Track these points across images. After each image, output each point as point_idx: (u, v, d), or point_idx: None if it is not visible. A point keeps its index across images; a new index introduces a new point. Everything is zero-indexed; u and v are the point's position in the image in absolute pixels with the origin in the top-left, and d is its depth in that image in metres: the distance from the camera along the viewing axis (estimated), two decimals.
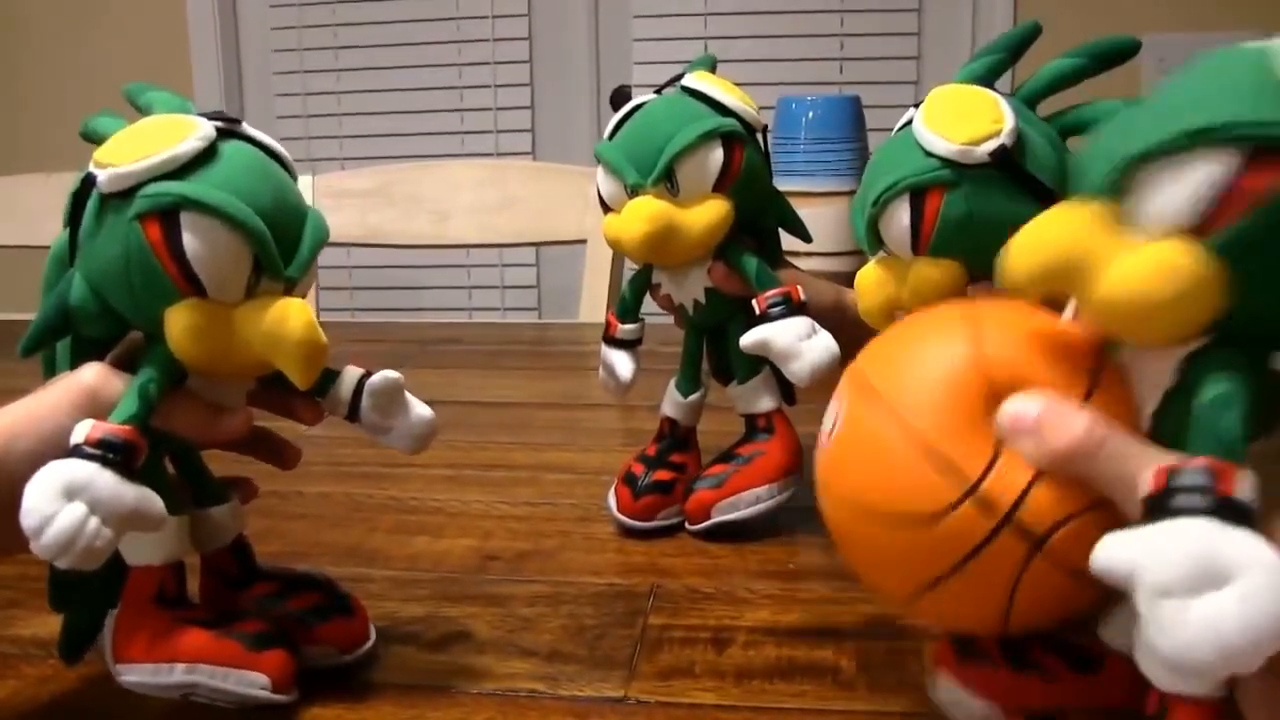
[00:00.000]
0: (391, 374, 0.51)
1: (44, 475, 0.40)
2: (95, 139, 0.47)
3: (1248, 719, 0.33)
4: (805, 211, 0.70)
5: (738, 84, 0.64)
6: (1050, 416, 0.36)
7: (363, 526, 0.71)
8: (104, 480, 0.41)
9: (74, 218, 0.46)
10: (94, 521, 0.40)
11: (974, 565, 0.36)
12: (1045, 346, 0.38)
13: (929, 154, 0.50)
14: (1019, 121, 0.49)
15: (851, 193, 1.12)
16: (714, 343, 0.70)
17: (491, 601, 0.59)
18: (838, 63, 2.18)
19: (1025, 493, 0.36)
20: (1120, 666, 0.36)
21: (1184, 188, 0.32)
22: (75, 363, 0.47)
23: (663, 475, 0.68)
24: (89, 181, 0.44)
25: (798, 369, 0.60)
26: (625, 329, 0.68)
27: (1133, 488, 0.33)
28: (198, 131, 0.44)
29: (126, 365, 0.47)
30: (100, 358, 0.47)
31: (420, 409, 0.52)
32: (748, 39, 2.21)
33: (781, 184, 0.68)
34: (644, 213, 0.61)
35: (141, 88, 0.49)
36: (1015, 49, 0.54)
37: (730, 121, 0.62)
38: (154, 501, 0.42)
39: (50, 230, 0.48)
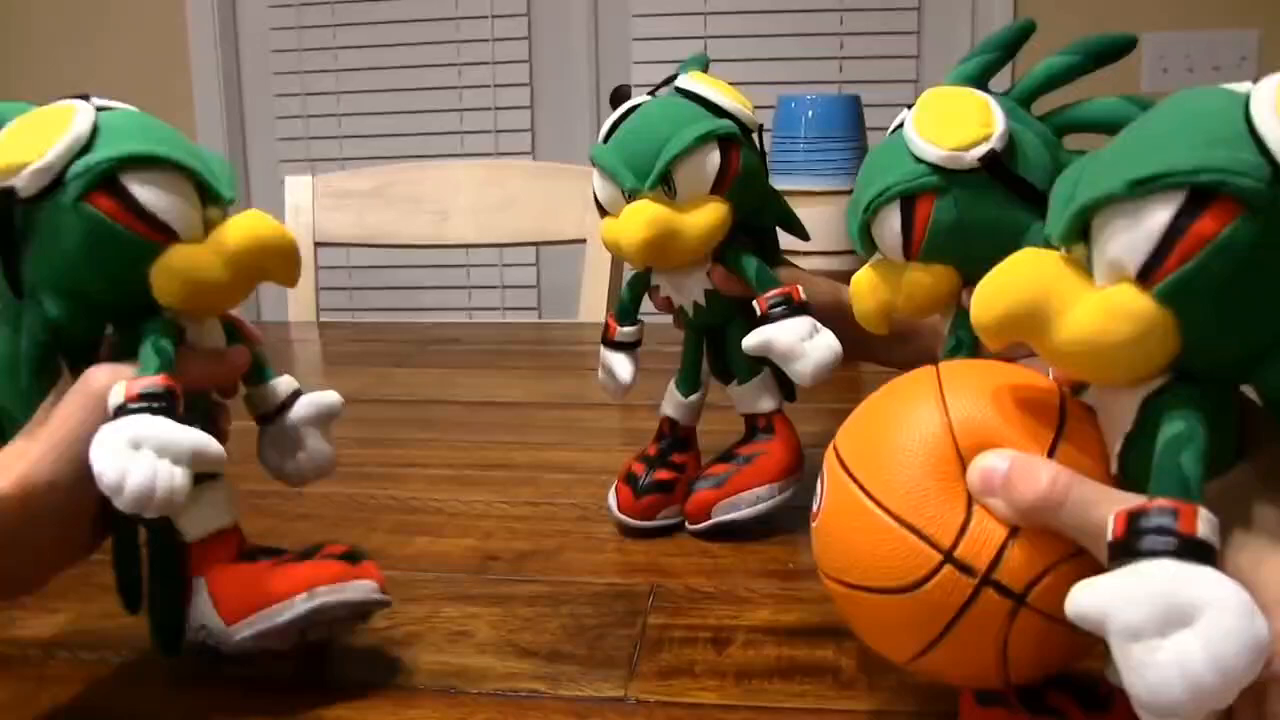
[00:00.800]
0: (336, 395, 0.53)
1: (104, 437, 0.41)
2: None
3: None
4: (805, 210, 0.70)
5: (736, 83, 0.64)
6: (1016, 472, 0.36)
7: (363, 526, 0.71)
8: (161, 425, 0.42)
9: (5, 241, 0.45)
10: (165, 464, 0.41)
11: (960, 627, 0.37)
12: (1011, 400, 0.39)
13: (919, 160, 0.50)
14: (1010, 123, 0.49)
15: (851, 192, 1.12)
16: (714, 343, 0.70)
17: (492, 601, 0.59)
18: (837, 62, 2.19)
19: (1000, 551, 0.37)
20: (1128, 704, 0.37)
21: (1132, 234, 0.33)
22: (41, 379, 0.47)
23: (663, 475, 0.68)
24: (8, 195, 0.44)
25: (800, 369, 0.60)
26: (624, 331, 0.68)
27: (1100, 535, 0.33)
28: (79, 110, 0.45)
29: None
30: (89, 359, 0.47)
31: (329, 443, 0.54)
32: (747, 38, 2.21)
33: (781, 183, 0.68)
34: (642, 217, 0.61)
35: None
36: (1009, 47, 0.53)
37: (726, 123, 0.62)
38: (209, 439, 0.44)
39: None
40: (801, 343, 0.60)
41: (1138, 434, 0.36)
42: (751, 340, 0.61)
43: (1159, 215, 0.32)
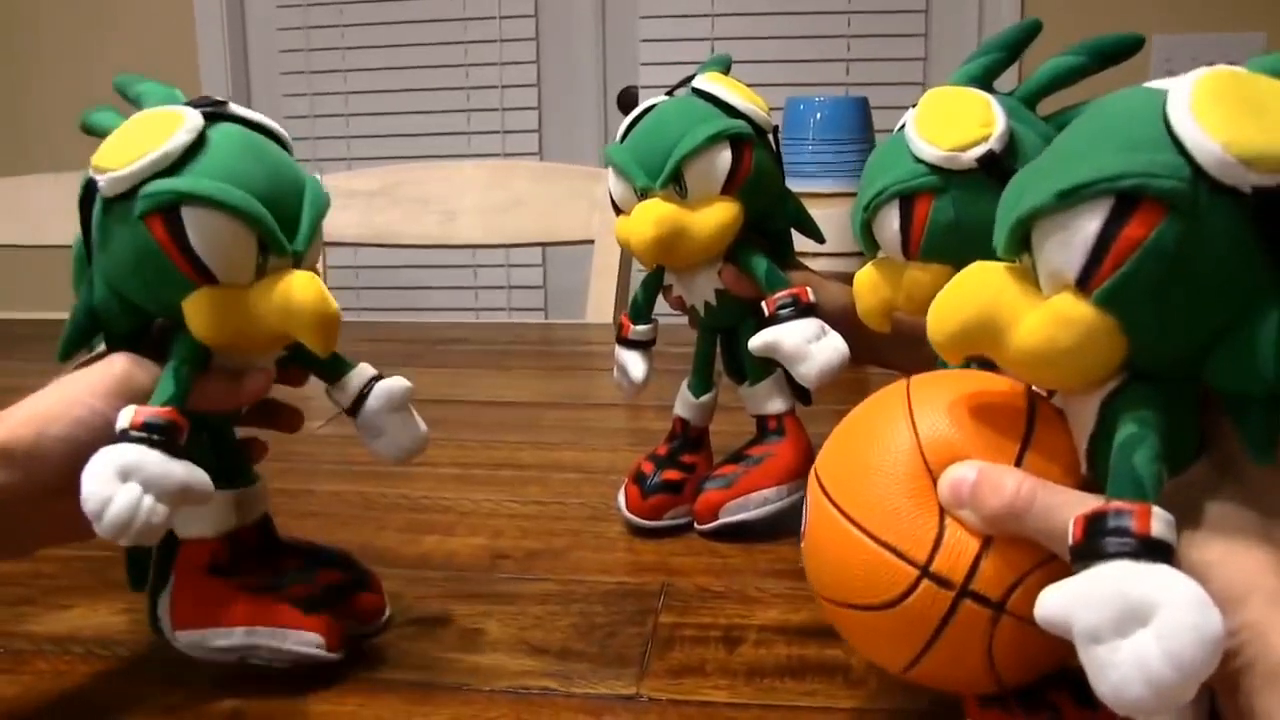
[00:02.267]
0: (404, 381, 0.54)
1: (97, 461, 0.42)
2: (93, 132, 0.48)
3: None
4: (813, 212, 0.70)
5: (746, 85, 0.65)
6: (983, 482, 0.37)
7: (373, 525, 0.71)
8: (152, 459, 0.43)
9: (84, 221, 0.47)
10: (148, 500, 0.42)
11: (944, 638, 0.38)
12: (977, 413, 0.40)
13: (918, 160, 0.50)
14: (1011, 123, 0.49)
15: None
16: (726, 343, 0.70)
17: (502, 600, 0.59)
18: (844, 64, 2.19)
19: (976, 562, 0.37)
20: None
21: (1066, 244, 0.34)
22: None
23: (672, 475, 0.68)
24: (91, 187, 0.46)
25: (805, 371, 0.60)
26: (638, 330, 0.68)
27: (1065, 539, 0.33)
28: (185, 124, 0.45)
29: (156, 349, 0.48)
30: (130, 348, 0.48)
31: (418, 424, 0.54)
32: (754, 40, 2.21)
33: (790, 185, 0.68)
34: (652, 215, 0.61)
35: (131, 80, 0.50)
36: (1014, 48, 0.53)
37: (739, 123, 0.62)
38: (201, 476, 0.44)
39: (58, 230, 0.49)
40: (807, 344, 0.60)
41: (1099, 435, 0.36)
42: (758, 341, 0.61)
43: (1089, 224, 0.33)
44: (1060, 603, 0.32)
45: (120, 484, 0.42)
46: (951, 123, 0.50)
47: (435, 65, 2.37)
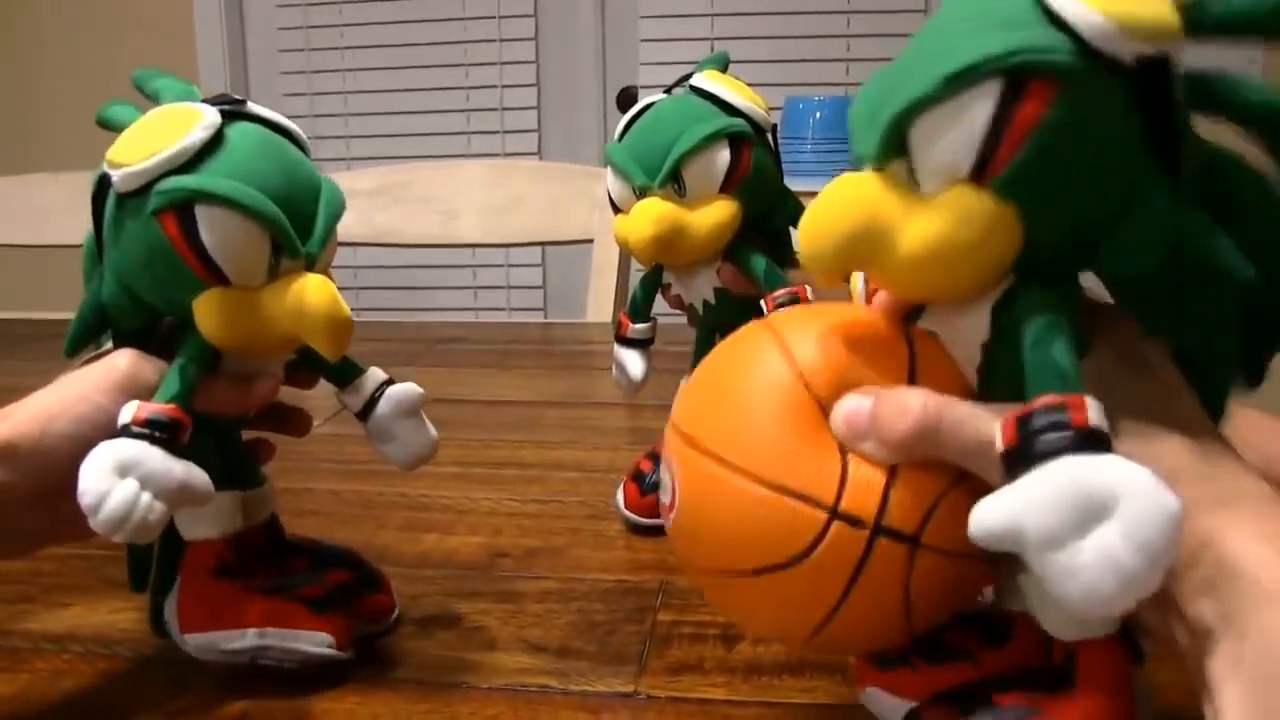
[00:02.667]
0: (415, 387, 0.54)
1: (96, 455, 0.42)
2: (109, 126, 0.47)
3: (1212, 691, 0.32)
4: None
5: (745, 84, 0.65)
6: (882, 409, 0.34)
7: (372, 524, 0.71)
8: (153, 456, 0.42)
9: (96, 216, 0.47)
10: (146, 496, 0.42)
11: (861, 583, 0.35)
12: (855, 338, 0.37)
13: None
14: None
15: None
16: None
17: (502, 598, 0.59)
18: (844, 64, 2.19)
19: (885, 495, 0.34)
20: (1027, 628, 0.36)
21: (956, 134, 0.32)
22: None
23: None
24: (105, 182, 0.45)
25: None
26: (637, 329, 0.68)
27: (987, 451, 0.32)
28: (203, 121, 0.44)
29: (164, 347, 0.48)
30: (138, 345, 0.48)
31: (428, 429, 0.54)
32: (754, 40, 2.21)
33: (789, 184, 0.68)
34: (651, 214, 0.61)
35: (149, 75, 0.50)
36: None
37: (737, 122, 0.62)
38: (201, 477, 0.44)
39: (60, 228, 0.49)
40: None
41: (995, 342, 0.35)
42: None
43: (980, 108, 0.31)
44: (1004, 513, 0.30)
45: (118, 479, 0.41)
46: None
47: (435, 65, 2.37)
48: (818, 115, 1.13)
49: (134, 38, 2.45)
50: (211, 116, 0.45)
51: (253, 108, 0.48)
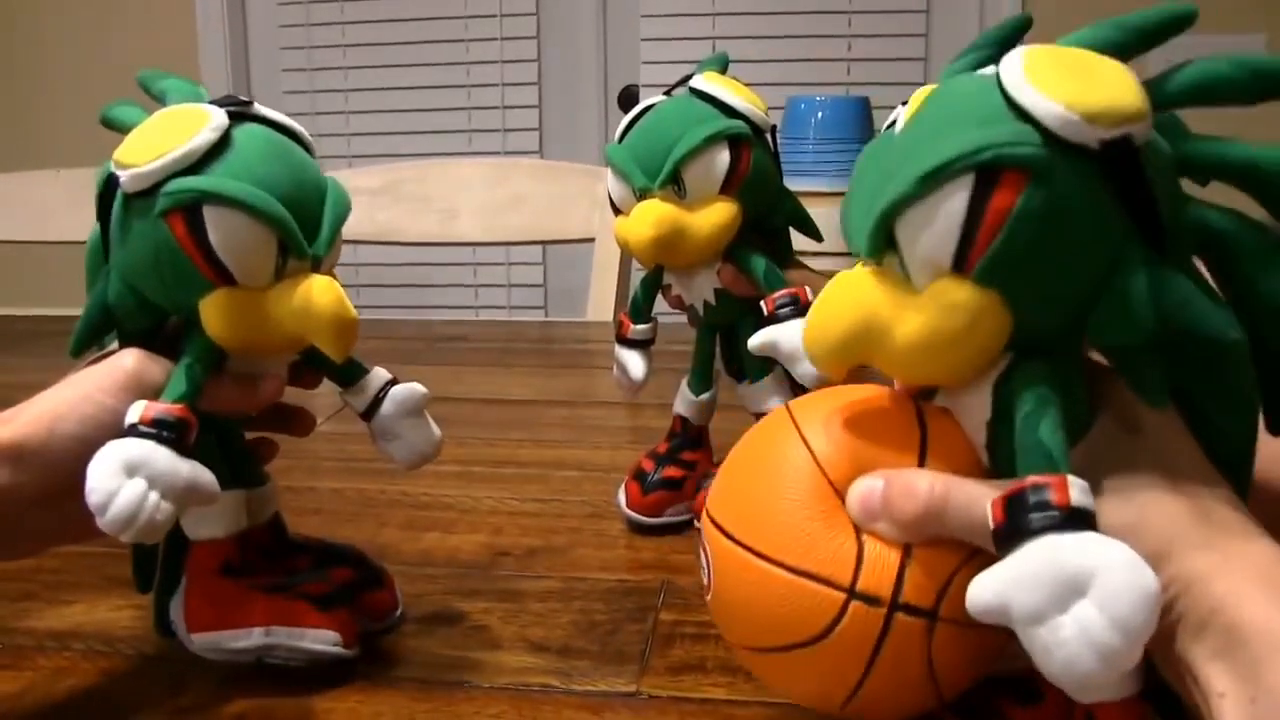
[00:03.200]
0: (419, 387, 0.54)
1: (105, 454, 0.42)
2: (113, 126, 0.48)
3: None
4: (814, 211, 0.70)
5: (746, 84, 0.65)
6: (892, 491, 0.36)
7: (374, 522, 0.71)
8: (160, 456, 0.42)
9: (103, 216, 0.47)
10: (154, 496, 0.42)
11: (882, 659, 0.36)
12: (868, 422, 0.39)
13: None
14: None
15: None
16: (726, 341, 0.70)
17: (503, 597, 0.59)
18: (845, 64, 2.19)
19: (900, 573, 0.36)
20: (1058, 690, 0.37)
21: (935, 228, 0.34)
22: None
23: (672, 472, 0.69)
24: (112, 182, 0.45)
25: (804, 371, 0.60)
26: (637, 329, 0.69)
27: (986, 529, 0.33)
28: (210, 122, 0.45)
29: (170, 347, 0.48)
30: (143, 345, 0.48)
31: (432, 429, 0.54)
32: (756, 39, 2.21)
33: (790, 184, 0.68)
34: (651, 216, 0.62)
35: (155, 75, 0.50)
36: (1004, 44, 0.52)
37: (736, 123, 0.62)
38: (207, 477, 0.44)
39: (62, 225, 0.49)
40: None
41: (996, 420, 0.36)
42: (756, 340, 0.61)
43: (955, 202, 0.33)
44: (993, 589, 0.31)
45: (126, 478, 0.41)
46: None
47: (436, 63, 2.37)
48: (819, 115, 1.13)
49: (135, 34, 2.45)
50: (219, 118, 0.45)
51: (259, 109, 0.48)
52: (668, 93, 0.66)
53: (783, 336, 0.61)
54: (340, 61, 2.41)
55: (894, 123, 0.51)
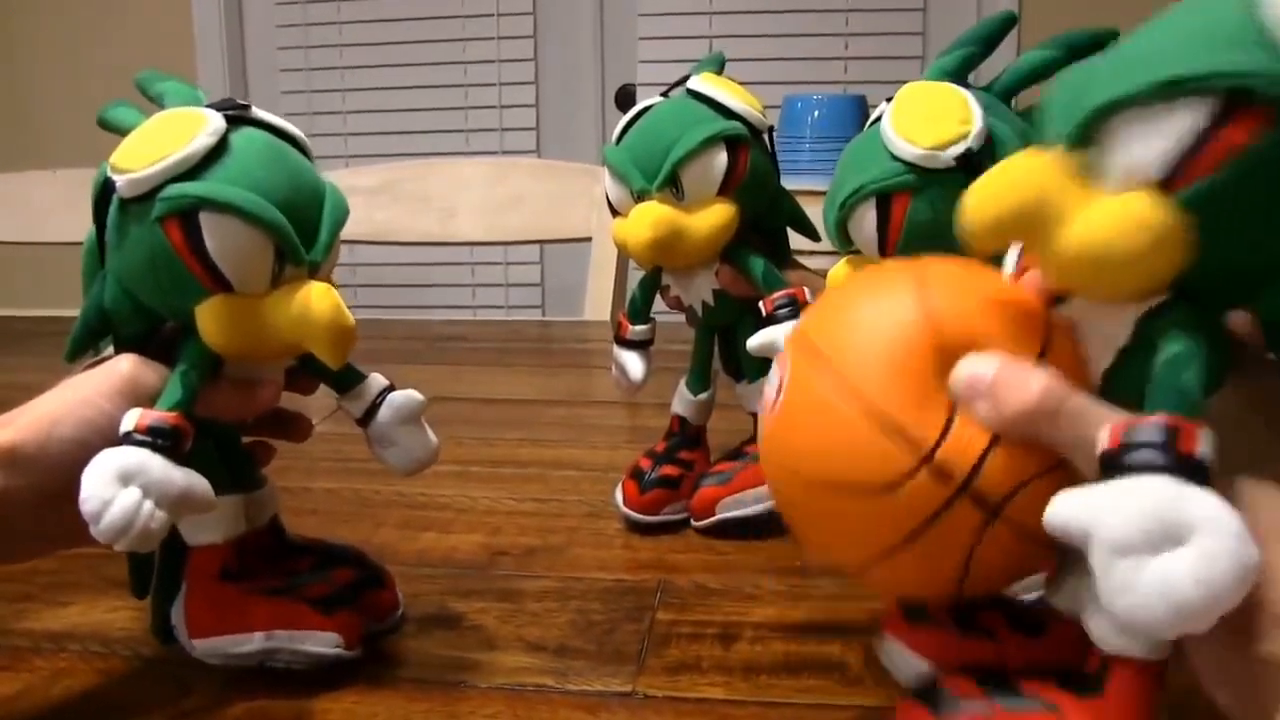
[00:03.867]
0: (416, 394, 0.54)
1: (99, 463, 0.41)
2: (110, 128, 0.47)
3: (1210, 693, 0.33)
4: (811, 210, 0.70)
5: (743, 83, 0.65)
6: (1006, 378, 0.35)
7: (370, 522, 0.71)
8: (155, 465, 0.42)
9: (99, 219, 0.47)
10: (148, 505, 0.42)
11: (929, 534, 0.35)
12: (995, 305, 0.37)
13: (895, 157, 0.50)
14: (989, 119, 0.49)
15: None
16: (725, 341, 0.70)
17: (500, 596, 0.59)
18: (842, 62, 2.19)
19: (982, 459, 0.35)
20: (1063, 629, 0.37)
21: (1156, 139, 0.31)
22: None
23: (670, 470, 0.69)
24: (108, 186, 0.45)
25: None
26: (636, 330, 0.69)
27: (1093, 448, 0.32)
28: (207, 127, 0.44)
29: (165, 351, 0.48)
30: (139, 350, 0.48)
31: (429, 436, 0.54)
32: (752, 38, 2.21)
33: (787, 183, 0.68)
34: (649, 218, 0.62)
35: (153, 77, 0.50)
36: (989, 41, 0.53)
37: (734, 125, 0.62)
38: (202, 484, 0.44)
39: (57, 226, 0.49)
40: None
41: (1133, 350, 0.35)
42: (755, 341, 0.61)
43: (1188, 120, 0.31)
44: (1082, 509, 0.31)
45: (121, 487, 0.41)
46: (929, 120, 0.49)
47: (433, 63, 2.37)
48: (816, 114, 1.13)
49: (132, 34, 2.45)
50: (216, 122, 0.45)
51: (257, 113, 0.47)
52: (665, 94, 0.66)
53: (781, 337, 0.61)
54: (337, 62, 2.41)
55: (879, 119, 0.51)
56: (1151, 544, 0.29)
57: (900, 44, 2.18)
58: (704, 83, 0.64)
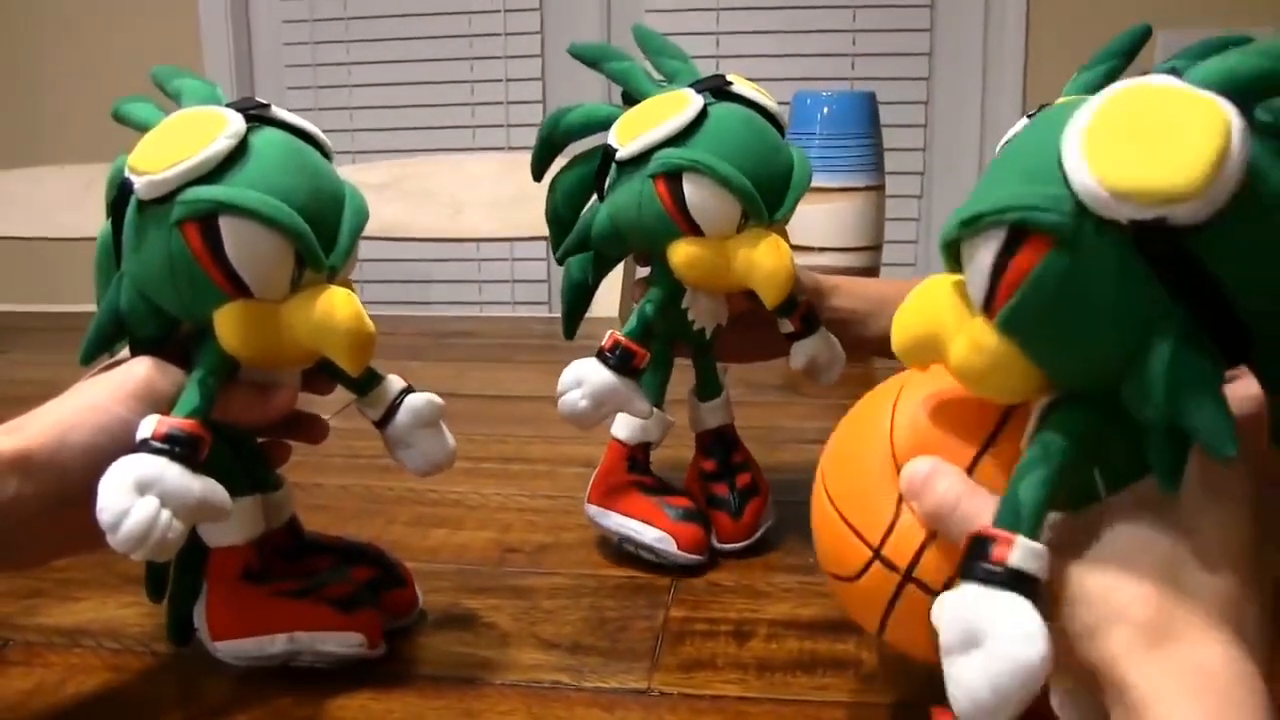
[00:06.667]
0: (435, 397, 0.53)
1: (116, 471, 0.41)
2: (126, 122, 0.47)
3: None
4: (820, 207, 0.69)
5: (750, 79, 0.64)
6: (927, 478, 0.39)
7: (381, 519, 0.71)
8: (172, 474, 0.42)
9: (115, 221, 0.46)
10: (165, 514, 0.41)
11: (895, 617, 0.40)
12: (950, 411, 0.40)
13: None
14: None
15: (867, 188, 1.11)
16: (700, 360, 0.68)
17: (513, 593, 0.59)
18: (850, 58, 2.18)
19: (920, 551, 0.39)
20: None
21: (973, 270, 0.35)
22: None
23: (684, 501, 0.64)
24: (126, 188, 0.45)
25: (832, 377, 0.64)
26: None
27: None
28: (227, 128, 0.44)
29: (181, 354, 0.47)
30: (154, 352, 0.47)
31: (447, 438, 0.54)
32: (760, 34, 2.20)
33: None
34: (787, 249, 0.58)
35: (170, 73, 0.49)
36: (1130, 54, 0.45)
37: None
38: (219, 493, 0.44)
39: (66, 222, 0.48)
40: (840, 351, 0.65)
41: (1030, 442, 0.37)
42: (799, 360, 0.64)
43: (985, 253, 0.34)
44: (937, 612, 0.35)
45: (138, 497, 0.41)
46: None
47: (440, 58, 2.36)
48: (825, 110, 1.13)
49: (139, 29, 2.44)
50: (236, 123, 0.44)
51: (277, 112, 0.47)
52: (700, 90, 0.61)
53: (819, 350, 0.64)
54: (344, 57, 2.40)
55: (1064, 112, 0.48)
56: (962, 645, 0.33)
57: (908, 40, 2.17)
58: (745, 87, 0.62)
